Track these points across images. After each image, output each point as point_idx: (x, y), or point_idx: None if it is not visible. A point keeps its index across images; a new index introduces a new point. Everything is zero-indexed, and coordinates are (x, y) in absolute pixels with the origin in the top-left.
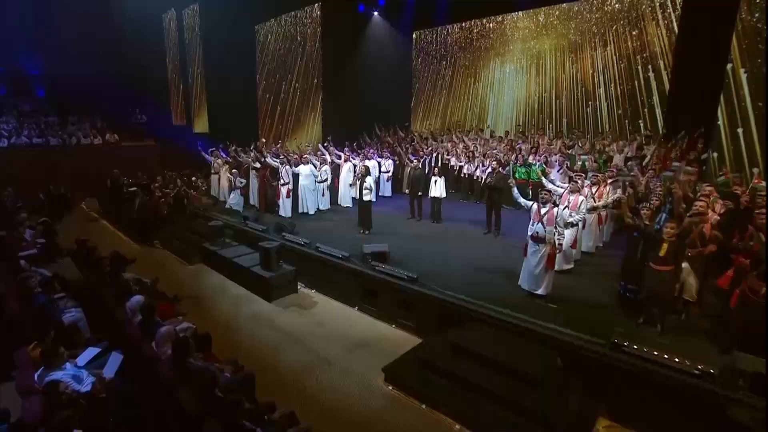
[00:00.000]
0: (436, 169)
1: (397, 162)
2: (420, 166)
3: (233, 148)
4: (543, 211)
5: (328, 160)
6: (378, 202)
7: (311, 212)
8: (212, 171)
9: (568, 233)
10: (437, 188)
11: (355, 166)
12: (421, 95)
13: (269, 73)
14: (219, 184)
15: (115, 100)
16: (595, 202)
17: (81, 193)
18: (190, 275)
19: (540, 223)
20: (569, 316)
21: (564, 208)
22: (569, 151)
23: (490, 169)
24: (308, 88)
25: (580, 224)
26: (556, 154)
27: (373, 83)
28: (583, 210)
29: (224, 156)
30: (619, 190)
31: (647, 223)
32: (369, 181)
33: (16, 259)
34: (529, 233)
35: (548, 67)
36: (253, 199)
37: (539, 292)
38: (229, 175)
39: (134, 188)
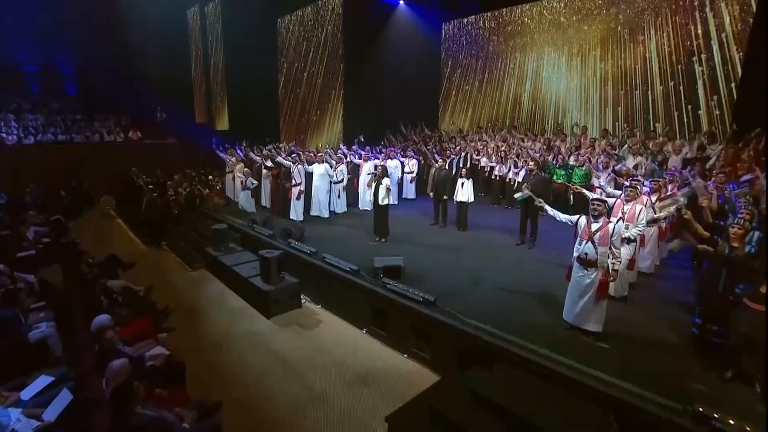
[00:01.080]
0: (463, 170)
1: (423, 162)
2: (446, 166)
3: (244, 145)
4: (594, 227)
5: (345, 159)
6: (400, 205)
7: (325, 215)
8: (227, 170)
9: (625, 252)
10: (464, 191)
11: (375, 166)
12: (451, 91)
13: (291, 69)
14: (234, 183)
15: (139, 98)
16: (655, 212)
17: (102, 191)
18: (190, 282)
19: (590, 243)
20: (627, 362)
21: (618, 220)
22: (616, 152)
23: (524, 171)
24: (330, 84)
25: (638, 240)
26: (600, 155)
27: (399, 78)
28: (642, 222)
29: (240, 154)
30: (682, 199)
31: (735, 245)
32: (386, 182)
33: (12, 260)
34: (576, 254)
35: (591, 57)
36: (266, 201)
37: (588, 327)
38: (240, 174)
39: (150, 186)
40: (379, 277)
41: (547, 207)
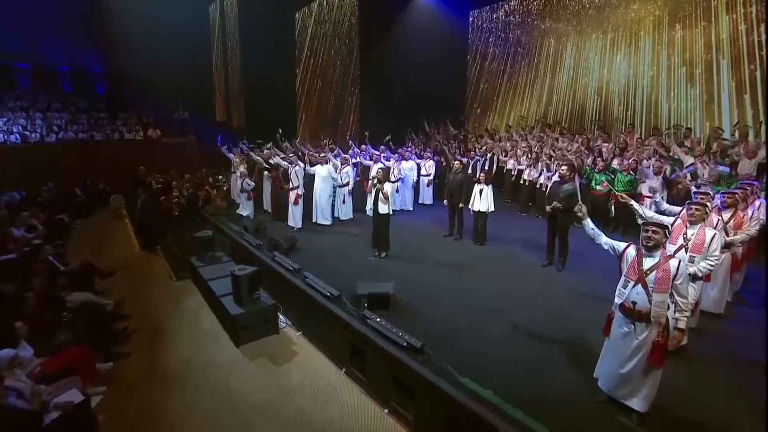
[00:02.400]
0: (481, 174)
1: (444, 163)
2: (461, 167)
3: (242, 143)
4: (648, 263)
5: (351, 160)
6: (415, 212)
7: (327, 222)
8: (231, 170)
9: (691, 292)
10: (482, 200)
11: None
12: (479, 85)
13: (308, 64)
14: (237, 184)
15: (162, 97)
16: (728, 235)
17: (118, 189)
18: (170, 294)
19: (640, 286)
20: None
21: (680, 248)
22: (671, 153)
23: (557, 176)
24: (346, 79)
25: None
26: (651, 158)
27: (421, 72)
28: (715, 253)
29: (242, 153)
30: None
31: None
32: (387, 188)
33: None
34: (619, 299)
35: (640, 45)
36: (267, 204)
37: (630, 404)
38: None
39: (158, 186)
40: (362, 306)
41: (589, 221)
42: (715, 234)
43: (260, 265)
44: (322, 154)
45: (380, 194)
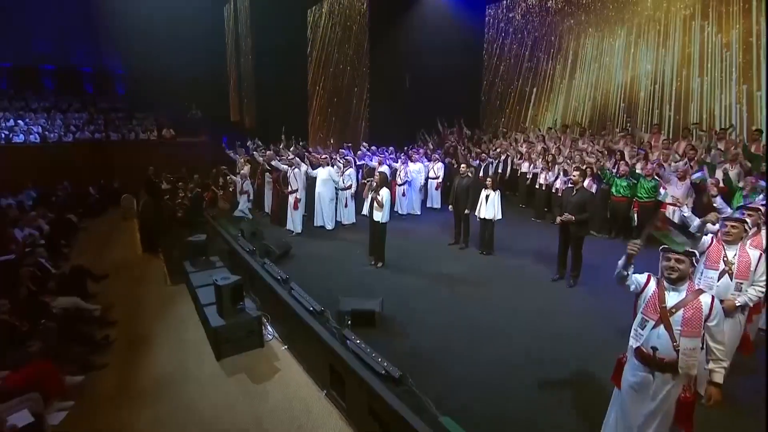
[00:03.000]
0: (488, 179)
1: (455, 166)
2: (467, 171)
3: (251, 142)
4: (672, 298)
5: (353, 161)
6: (423, 216)
7: (328, 227)
8: (237, 170)
9: (728, 329)
10: (489, 206)
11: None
12: (495, 84)
13: (319, 63)
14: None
15: (178, 96)
16: None
17: (131, 189)
18: (162, 299)
19: (663, 328)
20: None
21: (718, 273)
22: (701, 155)
23: (569, 183)
24: (355, 77)
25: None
26: (678, 161)
27: (435, 70)
28: (762, 279)
29: (246, 154)
30: None
31: None
32: (384, 194)
33: None
34: (635, 341)
35: (668, 38)
36: (269, 207)
37: None
38: (236, 177)
39: (167, 186)
40: (345, 324)
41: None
42: (761, 254)
43: (251, 272)
44: (323, 156)
45: (375, 201)
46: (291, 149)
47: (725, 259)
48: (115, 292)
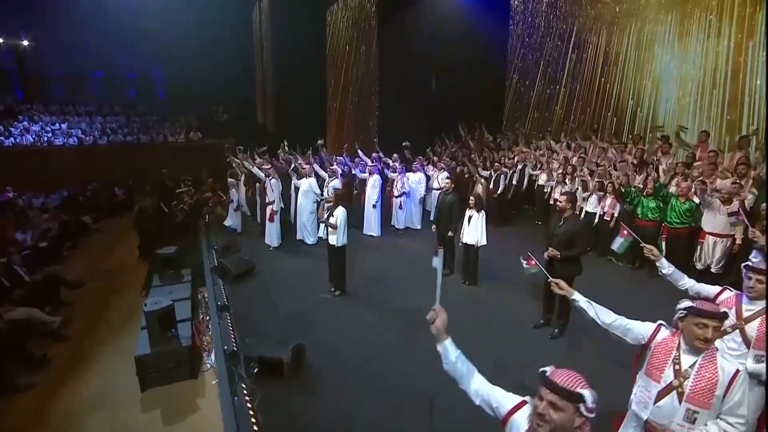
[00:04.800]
0: (471, 198)
1: (467, 176)
2: (452, 187)
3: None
4: (688, 360)
5: (339, 171)
6: (422, 230)
7: (309, 241)
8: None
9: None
10: (471, 229)
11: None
12: (521, 84)
13: (335, 64)
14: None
15: (208, 99)
16: None
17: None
18: (131, 312)
19: (674, 397)
20: None
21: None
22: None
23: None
24: (367, 77)
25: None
26: (726, 178)
27: (454, 70)
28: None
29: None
30: None
31: None
32: (339, 215)
33: None
34: (638, 409)
35: (726, 29)
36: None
37: None
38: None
39: (183, 189)
40: (249, 373)
41: (584, 304)
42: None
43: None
44: (305, 166)
45: (331, 220)
46: (281, 155)
47: (743, 317)
48: (89, 301)
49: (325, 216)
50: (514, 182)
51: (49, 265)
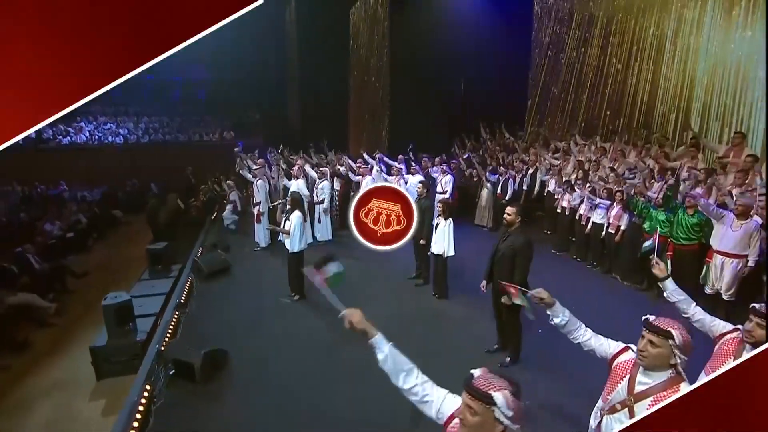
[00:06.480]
0: (439, 204)
1: (475, 179)
2: (425, 192)
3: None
4: (642, 384)
5: (328, 172)
6: None
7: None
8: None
9: None
10: (438, 238)
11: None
12: (549, 79)
13: (358, 62)
14: None
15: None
16: None
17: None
18: None
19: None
20: None
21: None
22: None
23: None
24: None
25: None
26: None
27: (470, 64)
28: None
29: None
30: None
31: None
32: (294, 219)
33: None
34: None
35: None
36: None
37: None
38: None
39: (203, 187)
40: (166, 374)
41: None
42: None
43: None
44: (294, 166)
45: (286, 224)
46: (273, 156)
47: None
48: (92, 290)
49: (284, 219)
50: (524, 187)
51: (72, 254)
